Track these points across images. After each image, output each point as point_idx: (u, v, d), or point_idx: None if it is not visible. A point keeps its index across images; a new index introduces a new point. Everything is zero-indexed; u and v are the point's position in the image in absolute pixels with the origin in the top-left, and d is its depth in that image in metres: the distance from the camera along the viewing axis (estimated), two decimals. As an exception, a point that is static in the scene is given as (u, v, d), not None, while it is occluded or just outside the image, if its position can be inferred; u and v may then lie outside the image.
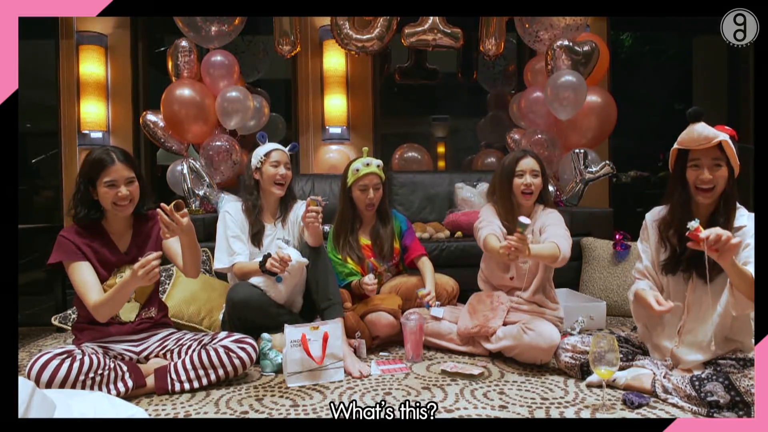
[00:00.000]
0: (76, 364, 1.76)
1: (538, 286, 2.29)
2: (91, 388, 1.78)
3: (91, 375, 1.78)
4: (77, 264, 1.90)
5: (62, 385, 1.74)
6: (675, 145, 1.82)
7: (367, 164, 2.51)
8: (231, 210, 2.45)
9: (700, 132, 1.71)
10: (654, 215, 1.97)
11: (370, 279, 2.44)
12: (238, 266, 2.34)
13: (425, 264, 2.61)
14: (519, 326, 2.16)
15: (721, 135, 1.70)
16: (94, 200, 1.93)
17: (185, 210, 1.84)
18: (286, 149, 2.50)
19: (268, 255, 2.23)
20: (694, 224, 1.57)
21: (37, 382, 1.71)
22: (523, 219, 1.87)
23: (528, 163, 2.30)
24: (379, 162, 2.56)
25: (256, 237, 2.43)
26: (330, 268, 2.37)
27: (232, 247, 2.37)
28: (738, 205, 1.80)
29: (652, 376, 1.83)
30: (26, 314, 3.12)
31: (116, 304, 1.89)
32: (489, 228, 2.23)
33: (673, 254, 1.87)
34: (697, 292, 1.83)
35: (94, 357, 1.81)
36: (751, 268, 1.58)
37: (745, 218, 1.78)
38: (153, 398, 1.90)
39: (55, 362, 1.75)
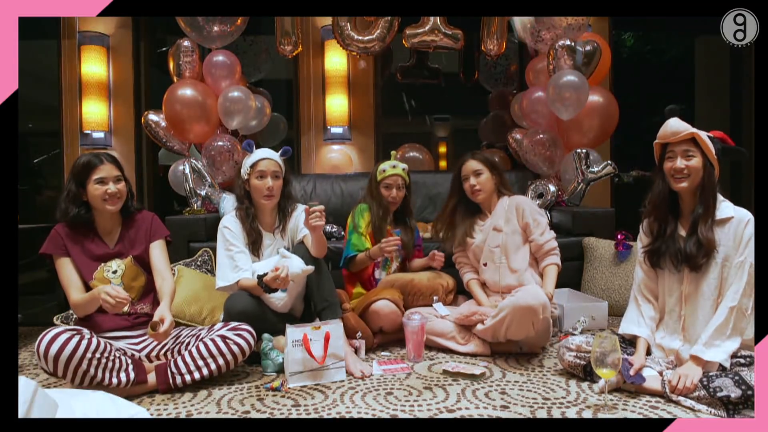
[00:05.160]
0: (84, 342, 1.80)
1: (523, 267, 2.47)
2: (96, 369, 1.81)
3: (97, 355, 1.82)
4: (62, 259, 2.05)
5: (69, 360, 1.77)
6: (656, 140, 1.94)
7: (393, 166, 2.71)
8: (229, 224, 2.37)
9: (673, 125, 1.87)
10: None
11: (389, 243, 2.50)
12: (242, 283, 2.26)
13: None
14: (507, 297, 2.28)
15: (694, 129, 1.83)
16: (84, 201, 2.06)
17: (162, 327, 1.88)
18: (278, 155, 2.41)
19: (264, 274, 2.15)
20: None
21: (45, 355, 1.77)
22: (437, 306, 2.36)
23: (470, 165, 2.56)
24: (405, 166, 2.76)
25: (255, 246, 2.36)
26: (326, 270, 2.34)
27: (237, 263, 2.30)
28: (722, 198, 1.87)
29: (659, 377, 1.82)
30: (28, 314, 3.11)
31: (88, 308, 1.99)
32: (468, 274, 2.65)
33: (653, 242, 1.96)
34: (691, 284, 1.89)
35: (102, 341, 1.87)
36: (741, 270, 1.76)
37: (731, 210, 1.85)
38: (155, 398, 1.90)
39: (64, 336, 1.79)
